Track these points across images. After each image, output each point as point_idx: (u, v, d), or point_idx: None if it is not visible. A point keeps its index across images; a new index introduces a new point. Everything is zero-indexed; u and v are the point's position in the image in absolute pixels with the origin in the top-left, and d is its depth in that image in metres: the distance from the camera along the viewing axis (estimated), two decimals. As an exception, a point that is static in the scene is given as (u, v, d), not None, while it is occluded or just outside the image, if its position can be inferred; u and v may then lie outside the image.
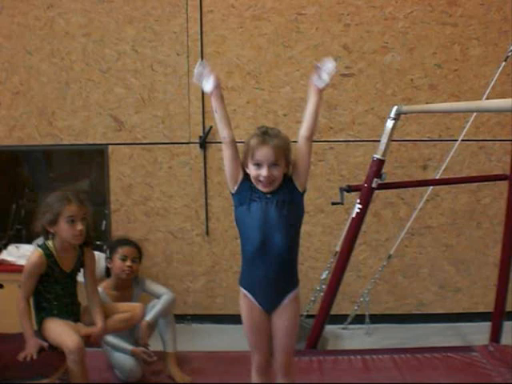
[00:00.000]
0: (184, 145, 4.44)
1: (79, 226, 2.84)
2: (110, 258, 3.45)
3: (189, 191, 4.49)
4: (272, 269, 2.50)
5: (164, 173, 4.47)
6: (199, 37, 4.35)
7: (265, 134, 2.51)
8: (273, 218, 2.48)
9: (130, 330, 3.31)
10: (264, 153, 2.46)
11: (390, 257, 4.28)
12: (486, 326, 4.03)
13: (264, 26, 4.34)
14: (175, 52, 4.38)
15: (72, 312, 2.97)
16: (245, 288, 2.57)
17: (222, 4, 4.34)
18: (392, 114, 3.41)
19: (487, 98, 3.92)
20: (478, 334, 4.18)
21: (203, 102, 4.37)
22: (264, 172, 2.46)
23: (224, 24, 4.35)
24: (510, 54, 3.76)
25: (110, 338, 3.25)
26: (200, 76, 2.55)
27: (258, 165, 2.47)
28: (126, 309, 3.16)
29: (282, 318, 2.58)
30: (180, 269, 4.58)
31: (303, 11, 4.32)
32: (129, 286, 3.47)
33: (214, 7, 4.34)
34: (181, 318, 4.40)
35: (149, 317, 3.33)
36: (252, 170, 2.49)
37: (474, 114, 4.03)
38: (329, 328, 4.21)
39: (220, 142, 4.32)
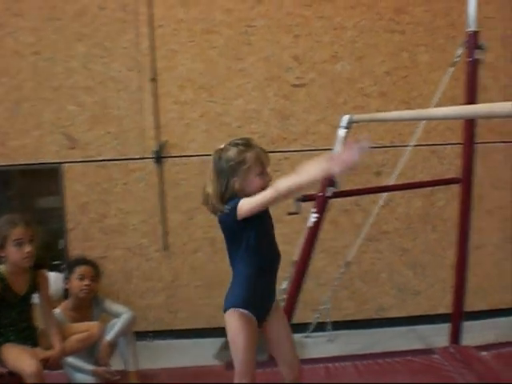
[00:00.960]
0: (139, 160, 4.42)
1: (27, 249, 2.81)
2: (67, 279, 3.41)
3: (145, 207, 4.47)
4: (271, 280, 2.54)
5: (120, 189, 4.45)
6: (150, 52, 4.34)
7: (254, 144, 2.45)
8: (271, 234, 2.51)
9: (90, 351, 3.27)
10: (267, 160, 2.46)
11: (348, 263, 4.32)
12: (446, 328, 4.07)
13: (214, 40, 4.37)
14: (126, 68, 4.37)
15: (29, 336, 2.94)
16: (244, 307, 2.49)
17: (171, 18, 4.35)
18: (343, 124, 3.45)
19: (437, 104, 3.99)
20: (438, 335, 4.21)
21: (157, 117, 4.36)
22: (269, 177, 2.44)
23: (175, 38, 4.36)
24: (457, 59, 3.83)
25: (71, 359, 3.20)
26: None
27: (263, 174, 2.43)
28: (84, 328, 3.13)
29: (277, 320, 2.59)
30: (140, 285, 4.54)
31: (253, 23, 4.36)
32: (88, 306, 3.43)
33: (164, 22, 4.34)
34: (142, 335, 4.34)
35: (109, 336, 3.29)
36: (258, 181, 2.40)
37: (424, 120, 4.10)
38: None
39: (175, 156, 4.39)
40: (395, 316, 4.62)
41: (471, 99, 3.65)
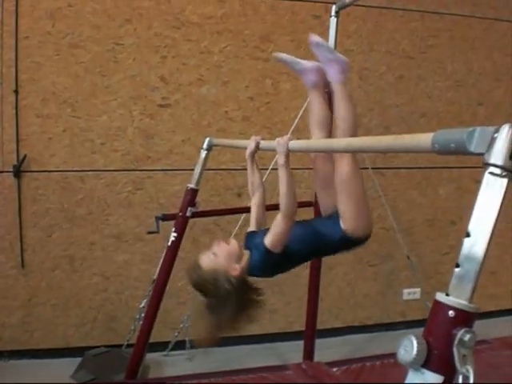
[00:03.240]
0: (-4, 174, 4.28)
1: None
2: None
3: (2, 222, 4.30)
4: None
5: (-25, 204, 4.28)
6: (14, 63, 4.22)
7: None
8: None
9: None
10: None
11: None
12: (302, 344, 4.23)
13: (81, 55, 4.32)
14: (-12, 78, 4.23)
15: None
16: None
17: (38, 31, 4.25)
18: (204, 146, 3.55)
19: (294, 130, 4.18)
20: (294, 352, 4.37)
21: (17, 130, 4.24)
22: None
23: (40, 51, 4.27)
24: (314, 88, 4.01)
25: None
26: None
27: None
28: None
29: None
30: (-6, 303, 4.38)
31: (120, 41, 4.36)
32: None
33: (29, 33, 4.24)
34: (-4, 355, 4.23)
35: None
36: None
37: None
38: (151, 356, 4.24)
39: (35, 171, 4.29)
40: (253, 334, 4.71)
41: (327, 127, 3.86)
